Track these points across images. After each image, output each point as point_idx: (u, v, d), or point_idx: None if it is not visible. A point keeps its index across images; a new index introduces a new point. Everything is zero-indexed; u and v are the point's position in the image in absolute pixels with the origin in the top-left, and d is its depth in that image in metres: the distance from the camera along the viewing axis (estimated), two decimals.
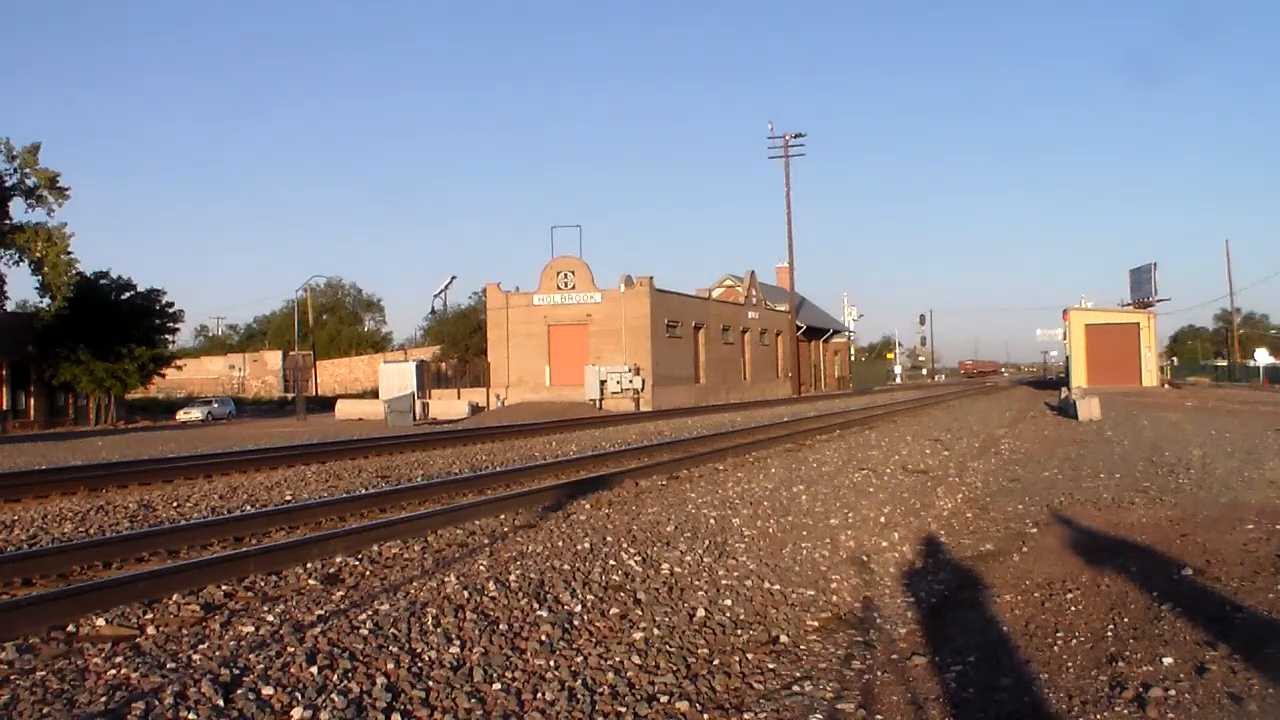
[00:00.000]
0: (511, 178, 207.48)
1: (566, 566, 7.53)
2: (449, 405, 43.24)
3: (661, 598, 6.96)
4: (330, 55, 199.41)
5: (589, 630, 6.17)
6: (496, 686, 5.18)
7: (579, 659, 5.65)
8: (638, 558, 7.97)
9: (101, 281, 48.28)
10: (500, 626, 6.04)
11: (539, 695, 5.11)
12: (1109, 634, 6.12)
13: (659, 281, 48.54)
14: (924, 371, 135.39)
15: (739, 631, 6.52)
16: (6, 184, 46.54)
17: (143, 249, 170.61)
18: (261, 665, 5.13)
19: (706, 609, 6.81)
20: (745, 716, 5.12)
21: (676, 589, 7.19)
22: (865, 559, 8.99)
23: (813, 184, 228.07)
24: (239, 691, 4.78)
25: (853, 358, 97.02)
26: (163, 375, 52.37)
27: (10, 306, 51.75)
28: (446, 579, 7.03)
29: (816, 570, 8.33)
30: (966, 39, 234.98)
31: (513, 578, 7.10)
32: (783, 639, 6.48)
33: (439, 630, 5.85)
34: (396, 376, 45.11)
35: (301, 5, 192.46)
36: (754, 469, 14.76)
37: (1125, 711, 4.79)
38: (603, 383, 44.49)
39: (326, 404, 57.82)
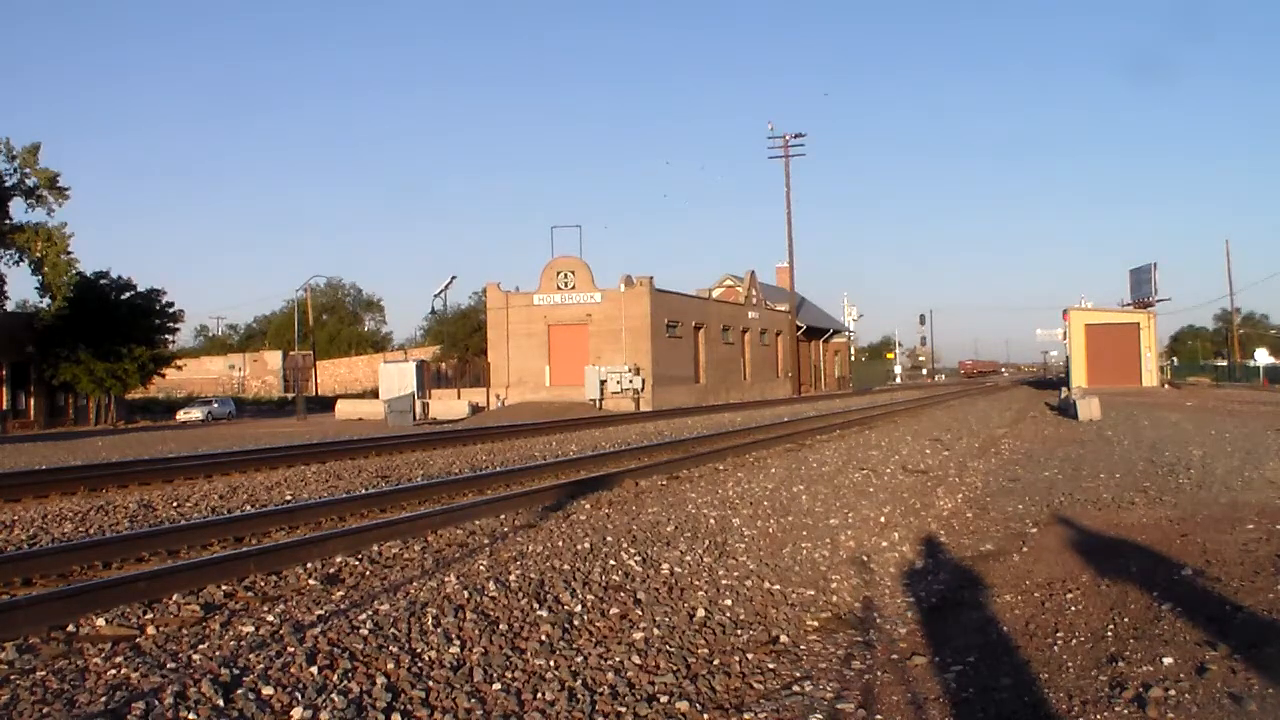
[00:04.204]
0: (511, 178, 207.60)
1: (566, 566, 7.53)
2: (449, 405, 43.25)
3: (661, 598, 6.96)
4: (330, 55, 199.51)
5: (589, 630, 6.18)
6: (496, 686, 5.18)
7: (579, 659, 5.65)
8: (638, 558, 7.98)
9: (101, 281, 48.26)
10: (500, 626, 6.04)
11: (539, 695, 5.11)
12: (1109, 634, 6.13)
13: (659, 281, 48.62)
14: (924, 371, 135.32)
15: (739, 631, 6.52)
16: (6, 184, 46.58)
17: (143, 249, 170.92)
18: (261, 665, 5.13)
19: (706, 609, 6.81)
20: (745, 716, 5.12)
21: (676, 589, 7.19)
22: (865, 559, 8.99)
23: (813, 184, 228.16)
24: (239, 691, 4.78)
25: (853, 358, 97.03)
26: (163, 375, 52.36)
27: (10, 306, 51.84)
28: (446, 579, 7.03)
29: (816, 570, 8.33)
30: (966, 39, 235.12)
31: (513, 578, 7.10)
32: (783, 639, 6.48)
33: (439, 630, 5.86)
34: (396, 376, 45.12)
35: (301, 5, 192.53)
36: (754, 469, 14.76)
37: (1125, 711, 4.79)
38: (603, 383, 44.48)
39: (326, 404, 57.85)
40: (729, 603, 7.04)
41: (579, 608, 6.54)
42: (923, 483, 13.67)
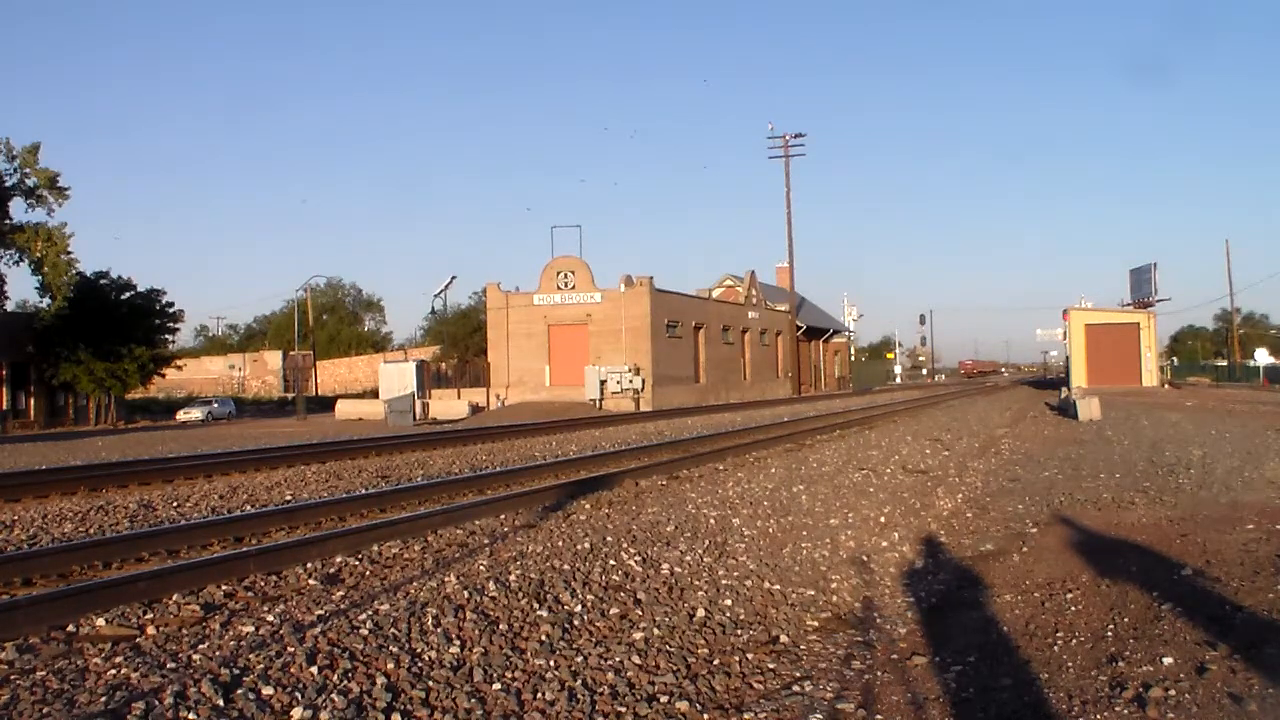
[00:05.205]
0: (511, 178, 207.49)
1: (566, 566, 7.53)
2: (449, 405, 43.25)
3: (661, 598, 6.96)
4: (330, 55, 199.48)
5: (589, 630, 6.18)
6: (496, 686, 5.18)
7: (579, 659, 5.65)
8: (638, 558, 7.97)
9: (101, 281, 48.24)
10: (500, 626, 6.04)
11: (539, 695, 5.11)
12: (1109, 634, 6.13)
13: (659, 281, 48.60)
14: (924, 371, 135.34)
15: (739, 631, 6.52)
16: (6, 184, 46.51)
17: (143, 249, 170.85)
18: (261, 665, 5.13)
19: (706, 609, 6.81)
20: (745, 716, 5.12)
21: (676, 589, 7.19)
22: (865, 559, 8.99)
23: (813, 184, 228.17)
24: (239, 691, 4.78)
25: (853, 358, 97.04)
26: (163, 375, 52.35)
27: (10, 306, 51.80)
28: (446, 579, 7.03)
29: (816, 570, 8.33)
30: (966, 39, 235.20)
31: (513, 578, 7.10)
32: (783, 639, 6.48)
33: (439, 630, 5.86)
34: (396, 376, 45.10)
35: (301, 5, 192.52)
36: (754, 469, 14.76)
37: (1125, 711, 4.79)
38: (603, 383, 44.47)
39: (326, 404, 57.83)
40: (729, 603, 7.04)
41: (579, 608, 6.54)
42: (923, 483, 13.67)
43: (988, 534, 10.44)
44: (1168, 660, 5.34)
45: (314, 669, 5.12)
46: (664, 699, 5.21)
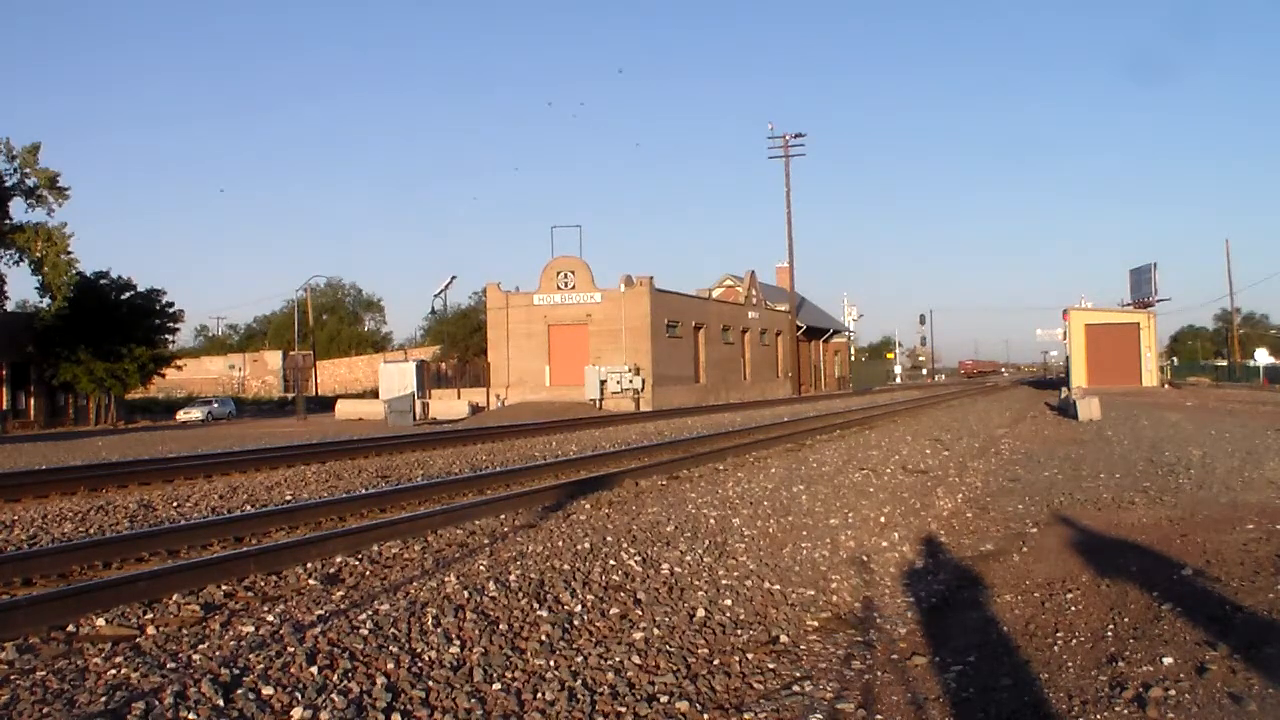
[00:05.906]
0: (511, 178, 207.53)
1: (566, 566, 7.53)
2: (449, 405, 43.25)
3: (661, 598, 6.96)
4: (330, 55, 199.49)
5: (589, 630, 6.18)
6: (496, 686, 5.18)
7: (579, 659, 5.65)
8: (638, 558, 7.97)
9: (101, 281, 48.27)
10: (500, 626, 6.04)
11: (539, 695, 5.11)
12: (1109, 634, 6.13)
13: (659, 281, 48.59)
14: (924, 371, 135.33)
15: (739, 631, 6.52)
16: (6, 184, 46.50)
17: (143, 249, 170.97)
18: (261, 665, 5.13)
19: (706, 609, 6.81)
20: (745, 716, 5.12)
21: (676, 589, 7.19)
22: (865, 559, 8.99)
23: (813, 184, 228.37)
24: (239, 691, 4.78)
25: (853, 358, 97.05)
26: (163, 375, 52.38)
27: (10, 306, 51.79)
28: (446, 579, 7.03)
29: (816, 570, 8.33)
30: (966, 38, 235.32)
31: (513, 578, 7.10)
32: (783, 639, 6.48)
33: (439, 630, 5.86)
34: (396, 376, 45.11)
35: (302, 5, 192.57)
36: (754, 469, 14.76)
37: (1125, 711, 4.79)
38: (603, 383, 44.46)
39: (326, 404, 57.84)
40: (729, 603, 7.04)
41: (579, 608, 6.54)
42: (923, 483, 13.67)
43: (988, 534, 10.44)
44: (1168, 660, 5.34)
45: (314, 669, 5.12)
46: (664, 699, 5.22)
